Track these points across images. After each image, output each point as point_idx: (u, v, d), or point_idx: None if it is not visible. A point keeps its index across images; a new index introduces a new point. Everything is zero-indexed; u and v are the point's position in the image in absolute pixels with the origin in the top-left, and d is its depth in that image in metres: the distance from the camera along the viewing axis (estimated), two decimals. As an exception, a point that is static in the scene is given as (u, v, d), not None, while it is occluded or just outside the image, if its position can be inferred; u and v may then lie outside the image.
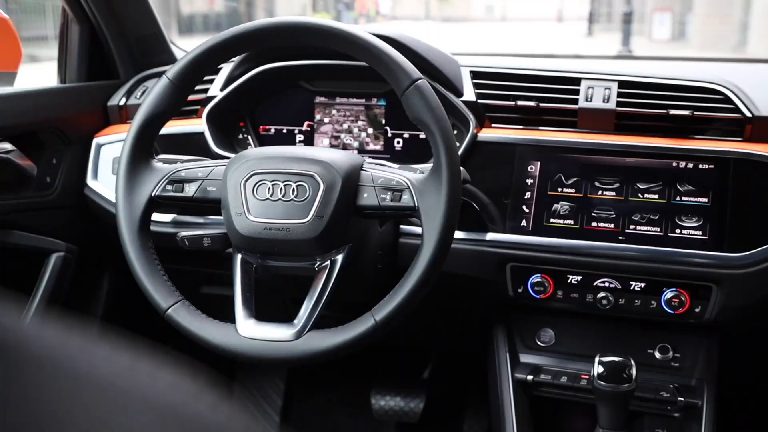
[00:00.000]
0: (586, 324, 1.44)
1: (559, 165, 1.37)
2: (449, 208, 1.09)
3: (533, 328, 1.47)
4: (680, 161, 1.33)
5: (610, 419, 1.22)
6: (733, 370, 1.47)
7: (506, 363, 1.43)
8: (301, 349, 1.10)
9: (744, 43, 16.87)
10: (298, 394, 2.16)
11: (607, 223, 1.33)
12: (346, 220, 1.15)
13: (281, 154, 1.18)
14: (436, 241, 1.09)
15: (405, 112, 1.13)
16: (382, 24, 29.76)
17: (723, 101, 1.35)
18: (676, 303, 1.30)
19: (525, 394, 1.41)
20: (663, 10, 22.90)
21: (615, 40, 19.35)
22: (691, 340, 1.39)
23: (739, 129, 1.34)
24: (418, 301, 1.10)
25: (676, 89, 1.38)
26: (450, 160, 1.10)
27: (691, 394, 1.34)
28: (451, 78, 1.44)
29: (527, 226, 1.35)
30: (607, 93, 1.39)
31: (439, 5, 54.04)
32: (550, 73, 1.45)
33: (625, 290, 1.33)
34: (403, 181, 1.14)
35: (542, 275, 1.36)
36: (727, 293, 1.28)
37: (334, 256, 1.16)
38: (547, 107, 1.42)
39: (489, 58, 1.56)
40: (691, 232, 1.29)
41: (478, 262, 1.37)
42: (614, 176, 1.35)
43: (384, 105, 1.53)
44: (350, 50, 1.14)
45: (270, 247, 1.15)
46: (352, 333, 1.10)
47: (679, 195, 1.32)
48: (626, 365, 1.20)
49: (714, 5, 19.07)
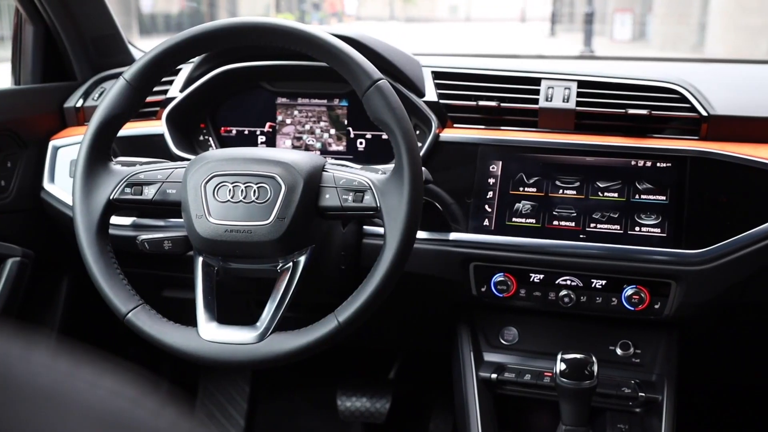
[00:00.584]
0: (549, 322, 1.45)
1: (520, 164, 1.38)
2: (411, 208, 1.09)
3: (497, 326, 1.48)
4: (639, 160, 1.35)
5: (573, 416, 1.23)
6: (693, 365, 1.49)
7: (470, 362, 1.43)
8: (263, 352, 1.09)
9: (702, 44, 17.20)
10: (263, 396, 2.14)
11: (568, 222, 1.34)
12: (308, 221, 1.14)
13: (242, 156, 1.17)
14: (398, 242, 1.09)
15: (366, 112, 1.13)
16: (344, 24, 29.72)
17: (680, 101, 1.37)
18: (636, 300, 1.32)
19: (489, 393, 1.41)
20: (623, 10, 23.24)
21: (577, 41, 19.59)
22: (652, 337, 1.41)
23: (695, 128, 1.37)
24: (381, 302, 1.10)
25: (634, 89, 1.40)
26: (411, 161, 1.10)
27: (652, 389, 1.36)
28: (412, 78, 1.44)
29: (490, 226, 1.36)
30: (567, 93, 1.41)
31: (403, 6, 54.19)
32: (510, 73, 1.46)
33: (586, 288, 1.34)
34: (364, 181, 1.14)
35: (505, 274, 1.37)
36: (685, 290, 1.30)
37: (297, 258, 1.16)
38: (508, 107, 1.42)
39: (450, 59, 1.57)
40: (650, 230, 1.31)
41: (441, 261, 1.37)
42: (575, 175, 1.36)
43: (346, 105, 1.52)
44: (310, 51, 1.13)
45: (231, 249, 1.13)
46: (315, 334, 1.10)
47: (638, 193, 1.33)
48: (588, 362, 1.21)
49: (672, 6, 19.41)
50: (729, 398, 2.08)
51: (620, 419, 1.38)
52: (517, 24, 39.73)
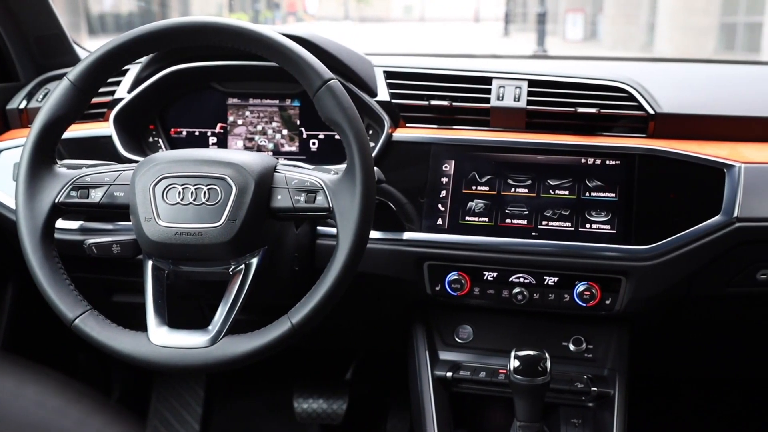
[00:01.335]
0: (503, 319, 1.47)
1: (472, 163, 1.39)
2: (363, 208, 1.09)
3: (452, 325, 1.48)
4: (588, 158, 1.37)
5: (527, 412, 1.24)
6: (644, 359, 1.52)
7: (426, 361, 1.44)
8: (215, 355, 1.08)
9: (651, 43, 17.55)
10: (218, 400, 2.12)
11: (521, 220, 1.35)
12: (260, 222, 1.13)
13: (191, 157, 1.15)
14: (351, 242, 1.08)
15: (318, 112, 1.12)
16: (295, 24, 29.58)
17: (627, 99, 1.40)
18: (587, 296, 1.34)
19: (445, 391, 1.42)
20: (575, 11, 23.58)
21: (531, 40, 19.82)
22: (603, 332, 1.43)
23: (642, 126, 1.39)
24: (334, 303, 1.09)
25: (584, 88, 1.42)
26: (363, 161, 1.10)
27: (604, 383, 1.38)
28: (364, 78, 1.44)
29: (443, 225, 1.37)
30: (518, 92, 1.42)
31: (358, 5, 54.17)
32: (462, 72, 1.46)
33: (539, 285, 1.36)
34: (317, 182, 1.13)
35: (459, 273, 1.37)
36: (634, 285, 1.32)
37: (249, 260, 1.15)
38: (460, 106, 1.43)
39: (403, 58, 1.57)
40: (600, 227, 1.33)
41: (395, 261, 1.37)
42: (526, 173, 1.37)
43: (298, 106, 1.52)
44: (260, 51, 1.12)
45: (182, 252, 1.12)
46: (269, 337, 1.09)
47: (588, 191, 1.35)
48: (541, 358, 1.22)
49: (622, 6, 19.77)
50: (679, 391, 2.12)
51: (574, 414, 1.40)
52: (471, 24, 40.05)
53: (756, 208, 1.30)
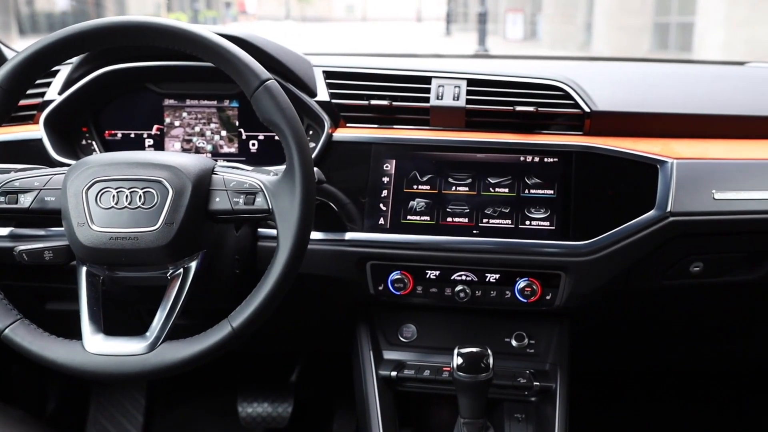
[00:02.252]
0: (447, 317, 1.47)
1: (413, 162, 1.39)
2: (304, 209, 1.08)
3: (395, 324, 1.49)
4: (527, 155, 1.38)
5: (470, 409, 1.25)
6: (585, 353, 1.54)
7: (370, 361, 1.44)
8: (154, 362, 1.06)
9: (589, 42, 17.92)
10: (160, 407, 2.08)
11: (462, 218, 1.36)
12: (198, 225, 1.11)
13: (126, 160, 1.12)
14: (291, 243, 1.07)
15: (256, 113, 1.11)
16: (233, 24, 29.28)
17: (564, 97, 1.42)
18: (528, 292, 1.36)
19: (390, 391, 1.42)
20: (515, 10, 23.94)
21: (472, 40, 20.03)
22: (544, 327, 1.46)
23: (579, 123, 1.41)
24: (276, 305, 1.08)
25: (522, 87, 1.44)
26: (303, 161, 1.09)
27: (546, 378, 1.40)
28: (303, 78, 1.43)
29: (385, 224, 1.36)
30: (457, 91, 1.43)
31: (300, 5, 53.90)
32: (402, 72, 1.47)
33: (481, 282, 1.37)
34: (256, 183, 1.12)
35: (402, 272, 1.37)
36: (574, 280, 1.34)
37: (188, 264, 1.13)
38: (400, 106, 1.43)
39: (342, 58, 1.56)
40: (539, 223, 1.35)
41: (337, 261, 1.37)
42: (466, 172, 1.38)
43: (237, 106, 1.50)
44: (195, 51, 1.10)
45: (117, 257, 1.09)
46: (209, 341, 1.07)
47: (528, 188, 1.37)
48: (483, 355, 1.23)
49: (560, 6, 20.14)
50: (619, 383, 2.17)
51: (517, 409, 1.41)
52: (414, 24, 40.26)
53: (688, 202, 1.33)
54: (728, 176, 1.37)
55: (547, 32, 21.08)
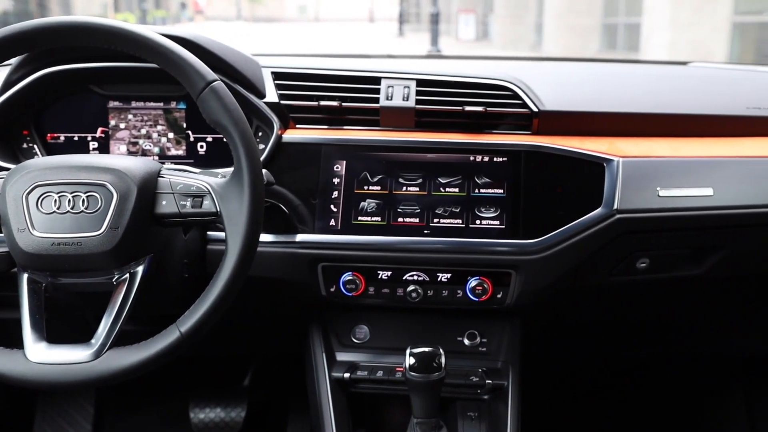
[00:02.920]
0: (399, 318, 1.48)
1: (364, 163, 1.39)
2: (252, 211, 1.07)
3: (348, 325, 1.48)
4: (477, 155, 1.39)
5: (423, 408, 1.25)
6: (536, 350, 1.56)
7: (323, 363, 1.43)
8: (99, 370, 1.03)
9: (540, 43, 18.17)
10: (109, 416, 2.03)
11: (413, 218, 1.36)
12: (144, 229, 1.09)
13: (68, 164, 1.10)
14: (240, 246, 1.06)
15: (202, 115, 1.10)
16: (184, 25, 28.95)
17: (512, 97, 1.43)
18: (479, 291, 1.36)
19: (343, 392, 1.42)
20: (467, 11, 24.13)
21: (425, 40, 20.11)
22: (496, 326, 1.47)
23: (527, 123, 1.43)
24: (225, 309, 1.07)
25: (470, 87, 1.45)
26: (251, 163, 1.08)
27: (498, 376, 1.41)
28: (251, 79, 1.41)
29: (336, 226, 1.36)
30: (407, 91, 1.43)
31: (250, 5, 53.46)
32: (351, 72, 1.46)
33: (432, 282, 1.37)
34: (203, 186, 1.11)
35: (353, 273, 1.37)
36: (524, 278, 1.35)
37: (134, 269, 1.10)
38: (350, 107, 1.43)
39: (291, 59, 1.55)
40: (489, 222, 1.36)
41: (288, 263, 1.36)
42: (417, 172, 1.39)
43: (184, 108, 1.47)
44: (139, 52, 1.09)
45: (60, 263, 1.06)
46: (156, 347, 1.05)
47: (478, 187, 1.38)
48: (436, 354, 1.23)
49: (511, 7, 20.38)
50: (570, 378, 2.21)
51: (470, 407, 1.42)
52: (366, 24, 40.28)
53: (634, 200, 1.36)
54: (672, 174, 1.40)
55: (499, 33, 21.31)
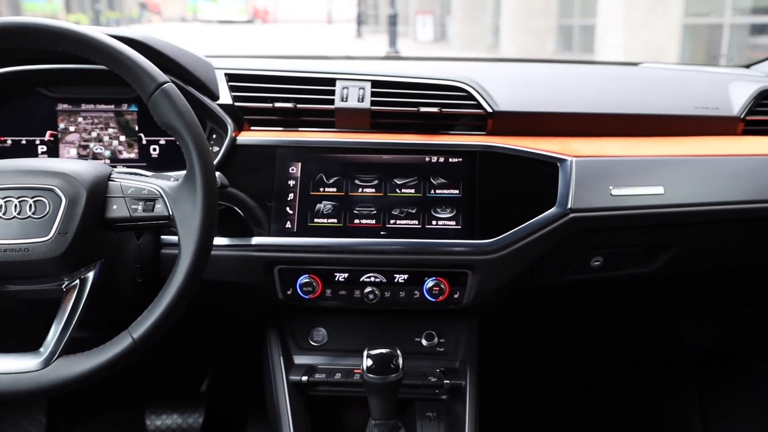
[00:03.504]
0: (357, 319, 1.47)
1: (319, 165, 1.38)
2: (205, 214, 1.05)
3: (306, 328, 1.48)
4: (432, 156, 1.40)
5: (380, 410, 1.25)
6: (493, 349, 1.57)
7: (280, 366, 1.42)
8: (49, 378, 1.01)
9: (497, 44, 18.32)
10: (62, 425, 1.99)
11: (369, 220, 1.36)
12: (95, 234, 1.07)
13: (14, 168, 1.07)
14: (193, 250, 1.05)
15: (153, 117, 1.08)
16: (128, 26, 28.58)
17: (466, 98, 1.44)
18: (436, 291, 1.37)
19: (301, 396, 1.41)
20: (424, 12, 24.23)
21: (383, 42, 20.12)
22: (454, 325, 1.47)
23: (482, 123, 1.44)
24: (178, 314, 1.05)
25: (425, 88, 1.45)
26: (203, 166, 1.06)
27: (456, 375, 1.42)
28: (204, 81, 1.40)
29: (292, 228, 1.35)
30: (362, 93, 1.43)
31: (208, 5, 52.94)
32: (306, 74, 1.46)
33: (389, 283, 1.37)
34: (155, 189, 1.09)
35: (310, 275, 1.36)
36: (480, 278, 1.36)
37: (84, 274, 1.08)
38: (305, 108, 1.42)
39: (245, 60, 1.54)
40: (445, 223, 1.36)
41: (244, 267, 1.34)
42: (373, 173, 1.38)
43: (136, 111, 1.45)
44: (87, 54, 1.07)
45: (6, 270, 1.04)
46: (108, 354, 1.03)
47: (433, 188, 1.38)
48: (393, 356, 1.24)
49: (469, 9, 20.51)
50: (527, 377, 2.23)
51: (428, 407, 1.43)
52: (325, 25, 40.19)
53: (587, 199, 1.38)
54: (624, 173, 1.42)
55: (457, 34, 21.42)
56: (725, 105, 1.60)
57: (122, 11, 35.60)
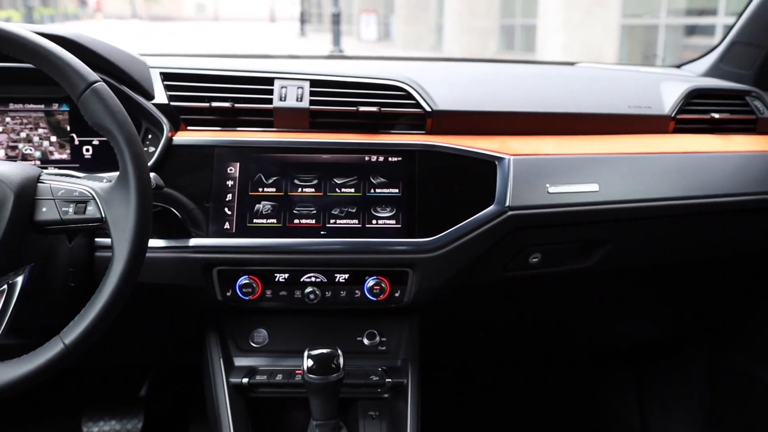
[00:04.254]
0: (298, 320, 1.46)
1: (258, 165, 1.37)
2: (139, 216, 1.03)
3: (246, 330, 1.46)
4: (372, 155, 1.40)
5: (322, 410, 1.25)
6: (435, 347, 1.58)
7: (220, 369, 1.40)
8: None
9: (440, 44, 18.46)
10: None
11: (309, 219, 1.35)
12: (23, 238, 1.04)
13: None
14: (127, 253, 1.02)
15: (84, 117, 1.05)
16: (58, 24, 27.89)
17: (405, 97, 1.45)
18: (377, 290, 1.37)
19: (242, 398, 1.39)
20: (368, 11, 24.25)
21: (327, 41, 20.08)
22: (395, 324, 1.48)
23: (421, 123, 1.45)
24: (113, 318, 1.03)
25: (365, 87, 1.45)
26: (137, 166, 1.04)
27: (398, 374, 1.42)
28: (138, 80, 1.37)
29: (231, 229, 1.33)
30: (300, 92, 1.42)
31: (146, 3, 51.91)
32: (243, 73, 1.44)
33: (330, 283, 1.37)
34: (87, 191, 1.06)
35: (250, 276, 1.35)
36: (421, 276, 1.37)
37: (12, 279, 1.05)
38: (243, 107, 1.41)
39: (181, 59, 1.51)
40: (386, 222, 1.36)
41: (182, 269, 1.32)
42: (312, 173, 1.38)
43: (68, 110, 1.41)
44: (13, 52, 1.03)
45: None
46: (38, 361, 1.00)
47: (373, 187, 1.38)
48: (334, 356, 1.23)
49: (412, 8, 20.61)
50: (469, 374, 2.25)
51: (370, 406, 1.43)
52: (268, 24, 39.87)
53: (525, 196, 1.40)
54: (560, 171, 1.45)
55: (401, 33, 21.52)
56: (657, 104, 1.64)
57: (57, 7, 34.64)
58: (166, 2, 54.02)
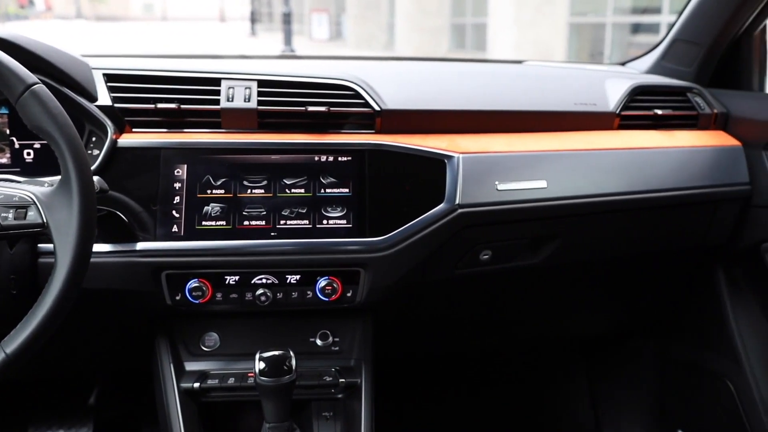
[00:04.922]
0: (250, 322, 1.45)
1: (206, 167, 1.35)
2: (83, 221, 1.01)
3: (197, 334, 1.44)
4: (321, 155, 1.39)
5: (274, 412, 1.24)
6: (388, 346, 1.58)
7: (170, 374, 1.38)
8: None
9: (392, 43, 18.50)
10: None
11: (259, 221, 1.34)
12: None
13: None
14: (70, 258, 1.00)
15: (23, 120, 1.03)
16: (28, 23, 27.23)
17: (354, 97, 1.45)
18: (329, 290, 1.37)
19: (193, 403, 1.38)
20: (319, 11, 24.17)
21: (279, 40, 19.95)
22: (348, 324, 1.48)
23: (370, 122, 1.45)
24: (56, 326, 1.01)
25: (313, 87, 1.45)
26: (79, 170, 1.02)
27: (351, 374, 1.42)
28: (81, 81, 1.34)
29: (179, 232, 1.32)
30: (248, 92, 1.41)
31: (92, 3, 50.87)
32: (190, 74, 1.42)
33: (281, 284, 1.36)
34: (27, 196, 1.04)
35: (199, 279, 1.33)
36: (373, 276, 1.37)
37: None
38: (190, 109, 1.39)
39: (125, 60, 1.48)
40: (336, 222, 1.36)
41: (129, 273, 1.30)
42: (261, 174, 1.37)
43: (7, 113, 1.37)
44: None
45: None
46: None
47: (323, 188, 1.38)
48: (286, 357, 1.23)
49: (363, 8, 20.62)
50: (422, 372, 2.26)
51: (324, 407, 1.42)
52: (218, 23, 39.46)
53: (474, 194, 1.41)
54: (509, 168, 1.46)
55: (352, 32, 21.51)
56: (602, 101, 1.67)
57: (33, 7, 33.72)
58: (112, 2, 53.02)
